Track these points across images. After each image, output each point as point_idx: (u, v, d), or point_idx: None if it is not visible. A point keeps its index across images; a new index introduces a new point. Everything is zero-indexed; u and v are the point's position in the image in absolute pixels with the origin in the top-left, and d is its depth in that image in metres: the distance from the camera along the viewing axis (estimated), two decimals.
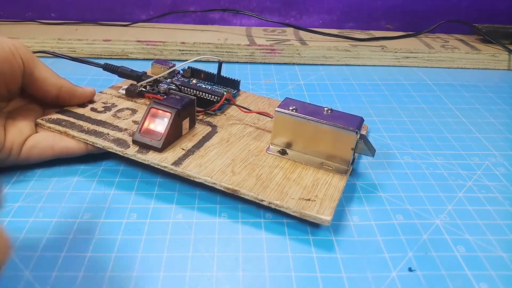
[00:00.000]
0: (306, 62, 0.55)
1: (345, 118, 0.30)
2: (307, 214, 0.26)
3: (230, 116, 0.36)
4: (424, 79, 0.51)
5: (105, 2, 0.61)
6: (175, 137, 0.32)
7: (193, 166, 0.29)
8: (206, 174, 0.28)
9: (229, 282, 0.23)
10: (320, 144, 0.30)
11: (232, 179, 0.28)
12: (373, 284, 0.24)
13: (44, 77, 0.32)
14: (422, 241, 0.27)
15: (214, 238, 0.26)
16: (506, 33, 0.59)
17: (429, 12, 0.64)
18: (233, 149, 0.32)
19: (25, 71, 0.31)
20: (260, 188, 0.28)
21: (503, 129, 0.41)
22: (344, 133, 0.29)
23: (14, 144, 0.30)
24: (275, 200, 0.27)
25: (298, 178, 0.29)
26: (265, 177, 0.29)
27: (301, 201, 0.27)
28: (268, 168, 0.30)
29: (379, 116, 0.42)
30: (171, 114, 0.30)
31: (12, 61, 0.30)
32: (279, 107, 0.31)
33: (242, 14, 0.62)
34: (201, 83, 0.40)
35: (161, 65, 0.40)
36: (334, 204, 0.27)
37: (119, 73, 0.38)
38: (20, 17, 0.61)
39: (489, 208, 0.30)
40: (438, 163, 0.35)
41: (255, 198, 0.27)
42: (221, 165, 0.30)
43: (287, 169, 0.30)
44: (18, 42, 0.31)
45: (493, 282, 0.24)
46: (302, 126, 0.30)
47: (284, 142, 0.32)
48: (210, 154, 0.31)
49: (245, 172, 0.29)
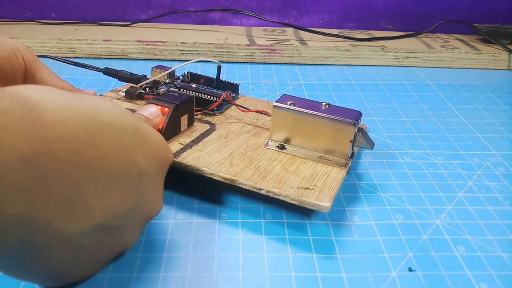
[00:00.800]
0: (306, 62, 0.55)
1: (343, 111, 0.30)
2: (306, 201, 0.26)
3: (229, 116, 0.36)
4: (424, 79, 0.51)
5: (105, 2, 0.61)
6: (173, 132, 0.32)
7: (191, 158, 0.29)
8: (204, 165, 0.28)
9: (229, 283, 0.23)
10: (318, 138, 0.30)
11: (230, 170, 0.28)
12: (373, 284, 0.24)
13: (46, 79, 0.32)
14: (422, 241, 0.27)
15: (214, 238, 0.26)
16: (506, 33, 0.59)
17: (429, 12, 0.64)
18: (232, 144, 0.32)
19: (26, 72, 0.31)
20: (259, 178, 0.28)
21: (503, 129, 0.41)
22: (342, 125, 0.29)
23: None
24: (273, 189, 0.27)
25: (297, 170, 0.29)
26: (263, 168, 0.29)
27: (300, 189, 0.27)
28: (267, 161, 0.30)
29: (379, 116, 0.42)
30: (170, 109, 0.30)
31: (14, 61, 0.30)
32: (277, 102, 0.31)
33: (242, 14, 0.62)
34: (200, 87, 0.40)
35: (160, 70, 0.41)
36: (333, 193, 0.27)
37: (119, 77, 0.38)
38: (20, 17, 0.61)
39: (489, 208, 0.30)
40: (438, 163, 0.35)
41: (253, 187, 0.27)
42: (219, 157, 0.30)
43: (286, 162, 0.30)
44: (20, 43, 0.31)
45: (493, 282, 0.24)
46: (300, 120, 0.30)
47: (282, 137, 0.32)
48: (208, 148, 0.31)
49: (243, 164, 0.29)
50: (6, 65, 0.30)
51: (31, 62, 0.31)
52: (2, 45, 0.29)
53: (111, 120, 0.20)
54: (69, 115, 0.18)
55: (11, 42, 0.30)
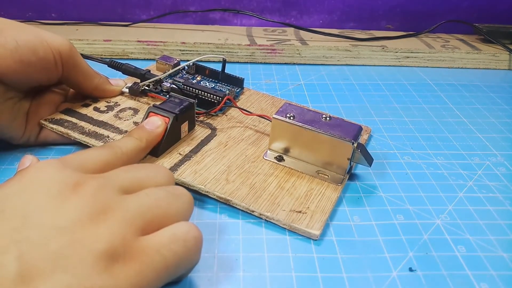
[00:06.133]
0: (307, 62, 0.55)
1: (342, 126, 0.30)
2: (296, 227, 0.26)
3: (231, 117, 0.36)
4: (425, 79, 0.51)
5: (106, 2, 0.61)
6: (173, 141, 0.32)
7: (188, 173, 0.29)
8: (200, 182, 0.29)
9: (230, 283, 0.23)
10: (317, 152, 0.30)
11: (226, 188, 0.28)
12: (373, 284, 0.24)
13: (79, 81, 0.33)
14: (423, 241, 0.27)
15: (215, 238, 0.26)
16: (506, 33, 0.59)
17: (430, 12, 0.64)
18: (230, 155, 0.32)
19: (62, 75, 0.32)
20: (252, 198, 0.28)
21: (504, 129, 0.41)
22: (340, 143, 0.29)
23: (32, 132, 0.32)
24: (266, 212, 0.27)
25: (292, 188, 0.29)
26: (258, 186, 0.29)
27: (292, 213, 0.27)
28: (263, 176, 0.30)
29: (380, 116, 0.42)
30: (169, 119, 0.30)
31: (51, 69, 0.31)
32: (277, 114, 0.31)
33: (243, 14, 0.62)
34: (205, 81, 0.40)
35: (165, 62, 0.40)
36: (324, 218, 0.27)
37: (124, 70, 0.38)
38: (20, 17, 0.61)
39: (490, 208, 0.30)
40: (439, 163, 0.35)
41: (246, 209, 0.28)
42: (216, 172, 0.30)
43: (282, 178, 0.30)
44: (63, 45, 0.31)
45: (494, 282, 0.24)
46: (299, 134, 0.30)
47: (281, 148, 0.32)
48: (206, 160, 0.31)
49: (239, 181, 0.29)
50: (43, 74, 0.31)
51: (70, 67, 0.32)
52: (44, 54, 0.29)
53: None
54: None
55: (54, 47, 0.30)
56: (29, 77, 0.30)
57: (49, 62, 0.30)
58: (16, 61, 0.28)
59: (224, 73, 0.40)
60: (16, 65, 0.28)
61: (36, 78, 0.30)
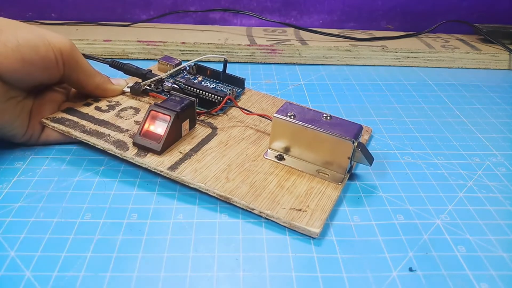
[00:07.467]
0: (307, 62, 0.55)
1: (343, 125, 0.30)
2: (296, 225, 0.26)
3: (232, 117, 0.36)
4: (425, 79, 0.51)
5: (106, 2, 0.61)
6: (174, 139, 0.32)
7: (189, 171, 0.29)
8: (200, 180, 0.29)
9: (230, 282, 0.23)
10: (317, 151, 0.30)
11: (226, 186, 0.28)
12: (373, 284, 0.24)
13: (80, 80, 0.34)
14: (423, 241, 0.27)
15: (215, 238, 0.26)
16: (506, 33, 0.59)
17: (430, 12, 0.64)
18: (230, 153, 0.32)
19: (63, 74, 0.32)
20: (252, 196, 0.28)
21: (504, 129, 0.41)
22: (341, 141, 0.29)
23: (34, 131, 0.32)
24: (265, 210, 0.27)
25: (292, 187, 0.29)
26: (258, 184, 0.29)
27: (292, 211, 0.27)
28: (263, 174, 0.30)
29: (380, 116, 0.42)
30: (171, 117, 0.30)
31: (53, 70, 0.31)
32: (277, 113, 0.31)
33: (243, 14, 0.62)
34: (206, 81, 0.40)
35: (167, 62, 0.40)
36: (324, 216, 0.27)
37: (125, 70, 0.38)
38: (20, 17, 0.61)
39: (490, 208, 0.30)
40: (439, 163, 0.35)
41: (246, 207, 0.28)
42: (216, 170, 0.30)
43: (282, 177, 0.30)
44: (65, 44, 0.31)
45: (494, 282, 0.24)
46: (300, 133, 0.30)
47: (282, 147, 0.32)
48: (206, 158, 0.31)
49: (239, 179, 0.29)
50: (45, 74, 0.31)
51: (71, 66, 0.32)
52: (45, 53, 0.30)
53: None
54: None
55: (56, 45, 0.30)
56: (31, 76, 0.30)
57: (50, 60, 0.30)
58: (18, 60, 0.28)
59: (225, 74, 0.40)
60: (17, 64, 0.28)
61: (37, 77, 0.30)
